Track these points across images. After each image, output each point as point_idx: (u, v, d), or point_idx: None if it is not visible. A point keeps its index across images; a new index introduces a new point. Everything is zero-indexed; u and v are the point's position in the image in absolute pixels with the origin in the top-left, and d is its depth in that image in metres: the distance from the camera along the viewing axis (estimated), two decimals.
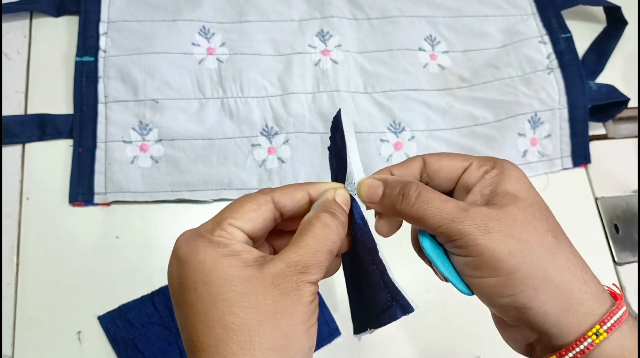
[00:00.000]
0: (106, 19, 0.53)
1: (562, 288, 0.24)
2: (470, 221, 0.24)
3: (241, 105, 0.52)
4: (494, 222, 0.24)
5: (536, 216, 0.25)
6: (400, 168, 0.28)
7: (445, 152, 0.29)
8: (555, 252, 0.25)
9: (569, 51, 0.56)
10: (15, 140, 0.49)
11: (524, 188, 0.26)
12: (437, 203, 0.25)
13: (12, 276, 0.45)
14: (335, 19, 0.56)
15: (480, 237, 0.24)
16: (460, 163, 0.27)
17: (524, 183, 0.27)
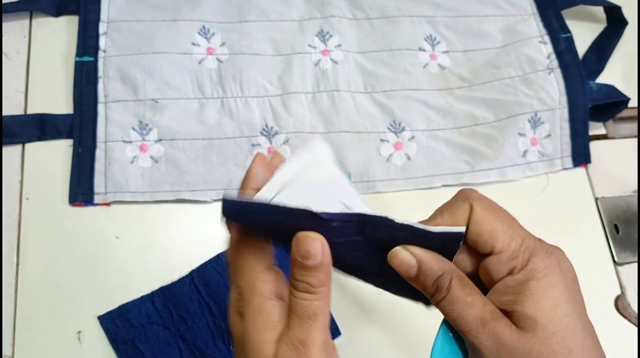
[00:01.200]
0: (106, 18, 0.53)
1: None
2: (484, 342, 0.23)
3: (241, 105, 0.52)
4: (505, 352, 0.23)
5: (556, 351, 0.23)
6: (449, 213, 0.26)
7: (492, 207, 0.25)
8: None
9: (569, 51, 0.56)
10: (15, 140, 0.49)
11: (548, 308, 0.23)
12: (462, 308, 0.24)
13: (12, 276, 0.45)
14: (335, 18, 0.56)
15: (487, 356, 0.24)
16: (495, 243, 0.24)
17: (549, 300, 0.23)
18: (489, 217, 0.25)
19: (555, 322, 0.23)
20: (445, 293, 0.24)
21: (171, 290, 0.45)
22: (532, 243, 0.24)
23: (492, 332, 0.23)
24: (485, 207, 0.25)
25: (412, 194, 0.51)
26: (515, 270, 0.24)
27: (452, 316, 0.24)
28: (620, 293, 0.49)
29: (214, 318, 0.44)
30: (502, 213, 0.25)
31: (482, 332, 0.23)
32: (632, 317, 0.48)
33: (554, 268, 0.24)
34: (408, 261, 0.25)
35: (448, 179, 0.52)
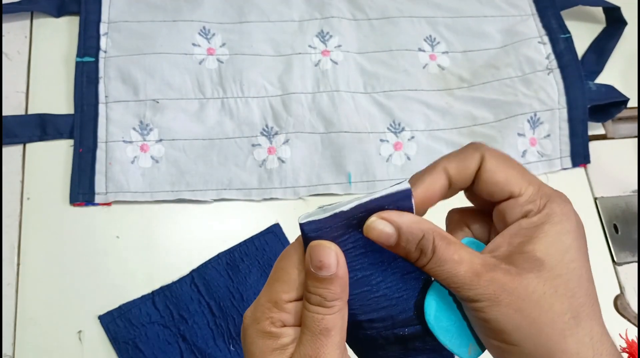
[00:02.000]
0: (107, 19, 0.53)
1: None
2: (481, 290, 0.22)
3: (241, 105, 0.52)
4: (506, 295, 0.22)
5: (558, 292, 0.22)
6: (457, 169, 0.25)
7: (504, 158, 0.25)
8: (567, 335, 0.22)
9: (569, 51, 0.56)
10: (16, 140, 0.49)
11: (557, 252, 0.23)
12: (451, 266, 0.23)
13: (12, 276, 0.45)
14: (335, 19, 0.56)
15: (488, 307, 0.23)
16: (512, 188, 0.24)
17: (561, 244, 0.23)
18: (503, 165, 0.24)
19: (563, 265, 0.23)
20: (431, 254, 0.23)
21: (171, 289, 0.45)
22: (549, 190, 0.24)
23: (489, 281, 0.22)
24: (497, 157, 0.24)
25: None
26: (531, 213, 0.24)
27: (442, 277, 0.23)
28: (619, 292, 0.50)
29: (214, 317, 0.44)
30: (515, 162, 0.25)
31: (477, 283, 0.23)
32: (632, 316, 0.48)
33: (570, 216, 0.23)
34: (386, 230, 0.23)
35: None
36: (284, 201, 0.50)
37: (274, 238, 0.48)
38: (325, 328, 0.23)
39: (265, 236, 0.48)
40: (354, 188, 0.51)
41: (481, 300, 0.23)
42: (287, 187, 0.50)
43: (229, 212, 0.49)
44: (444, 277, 0.23)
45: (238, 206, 0.50)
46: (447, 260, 0.23)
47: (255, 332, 0.24)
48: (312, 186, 0.50)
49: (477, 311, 0.23)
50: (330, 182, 0.51)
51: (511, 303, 0.22)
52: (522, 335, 0.23)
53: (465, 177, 0.25)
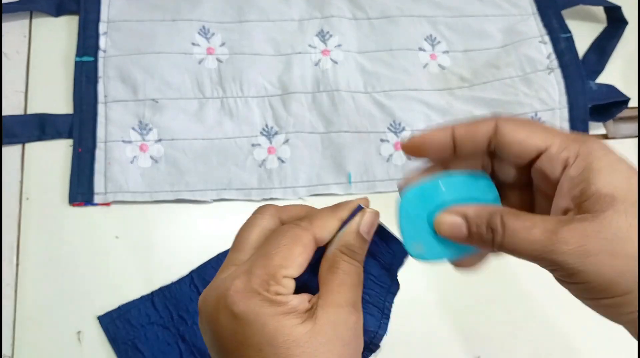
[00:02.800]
0: (106, 18, 0.53)
1: None
2: (565, 248, 0.21)
3: (241, 105, 0.52)
4: (593, 241, 0.21)
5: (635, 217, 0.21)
6: (466, 129, 0.24)
7: (522, 119, 0.24)
8: None
9: (569, 51, 0.56)
10: (15, 140, 0.49)
11: (621, 182, 0.21)
12: (524, 235, 0.22)
13: (11, 276, 0.45)
14: (336, 18, 0.56)
15: (580, 264, 0.21)
16: (537, 142, 0.23)
17: (620, 173, 0.21)
18: (520, 125, 0.23)
19: (633, 192, 0.21)
20: (502, 229, 0.23)
21: (171, 290, 0.45)
22: (575, 135, 0.23)
23: (569, 234, 0.21)
24: (513, 119, 0.24)
25: None
26: (570, 160, 0.22)
27: (519, 248, 0.22)
28: None
29: None
30: (532, 121, 0.24)
31: (557, 241, 0.21)
32: None
33: (608, 150, 0.22)
34: (457, 221, 0.24)
35: None
36: (283, 201, 0.50)
37: None
38: (361, 279, 0.26)
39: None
40: (354, 188, 0.51)
41: (569, 260, 0.21)
42: (287, 187, 0.50)
43: (228, 212, 0.49)
44: (523, 248, 0.22)
45: (238, 206, 0.49)
46: (519, 228, 0.22)
47: (259, 302, 0.23)
48: (312, 186, 0.50)
49: (572, 276, 0.21)
50: (330, 182, 0.51)
51: (602, 249, 0.21)
52: (630, 278, 0.21)
53: (475, 139, 0.24)
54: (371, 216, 0.26)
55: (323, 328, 0.24)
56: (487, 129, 0.24)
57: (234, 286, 0.24)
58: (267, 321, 0.23)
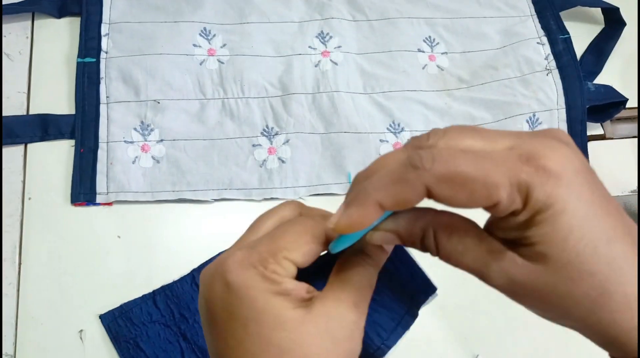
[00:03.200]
0: (108, 20, 0.54)
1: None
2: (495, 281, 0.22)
3: (242, 106, 0.52)
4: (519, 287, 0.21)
5: (573, 279, 0.20)
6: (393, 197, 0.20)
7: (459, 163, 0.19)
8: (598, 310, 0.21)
9: (567, 52, 0.56)
10: (18, 140, 0.49)
11: (558, 240, 0.20)
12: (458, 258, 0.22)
13: (14, 275, 0.45)
14: (335, 20, 0.56)
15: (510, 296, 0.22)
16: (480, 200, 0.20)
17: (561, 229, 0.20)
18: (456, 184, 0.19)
19: (569, 250, 0.20)
20: (436, 251, 0.22)
21: (173, 288, 0.45)
22: (524, 174, 0.19)
23: (498, 273, 0.21)
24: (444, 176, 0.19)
25: None
26: (517, 211, 0.20)
27: (457, 267, 0.22)
28: None
29: None
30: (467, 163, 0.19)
31: (488, 274, 0.21)
32: None
33: (557, 193, 0.20)
34: (387, 238, 0.23)
35: None
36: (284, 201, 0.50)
37: None
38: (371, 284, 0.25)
39: None
40: None
41: (500, 289, 0.22)
42: (287, 187, 0.50)
43: (229, 212, 0.49)
44: (458, 266, 0.22)
45: (239, 206, 0.50)
46: (452, 252, 0.22)
47: (254, 275, 0.23)
48: (312, 186, 0.51)
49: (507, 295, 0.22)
50: (330, 182, 0.51)
51: (528, 295, 0.21)
52: (554, 314, 0.22)
53: (406, 206, 0.21)
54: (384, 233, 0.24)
55: (315, 318, 0.23)
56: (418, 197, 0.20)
57: (233, 256, 0.24)
58: (257, 296, 0.23)
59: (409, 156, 0.20)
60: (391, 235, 0.23)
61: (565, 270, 0.20)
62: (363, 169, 0.23)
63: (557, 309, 0.21)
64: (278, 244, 0.24)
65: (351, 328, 0.23)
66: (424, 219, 0.23)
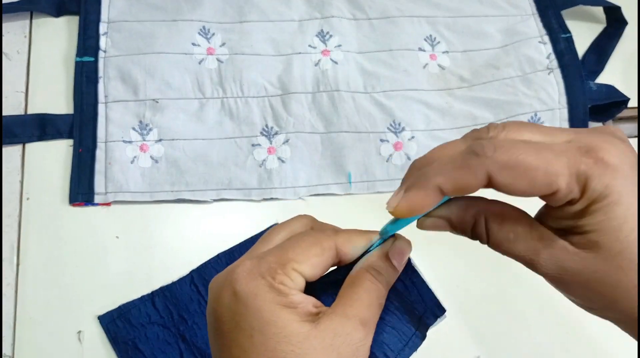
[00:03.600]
0: (106, 19, 0.53)
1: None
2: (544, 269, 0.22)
3: (241, 105, 0.52)
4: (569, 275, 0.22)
5: (622, 268, 0.21)
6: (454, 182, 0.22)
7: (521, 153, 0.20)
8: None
9: (569, 51, 0.56)
10: (16, 140, 0.49)
11: (611, 230, 0.21)
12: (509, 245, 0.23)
13: (12, 276, 0.45)
14: (335, 19, 0.56)
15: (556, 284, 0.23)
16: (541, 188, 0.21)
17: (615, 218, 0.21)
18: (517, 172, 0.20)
19: (622, 239, 0.21)
20: (487, 239, 0.23)
21: (171, 289, 0.45)
22: (583, 165, 0.20)
23: (549, 259, 0.22)
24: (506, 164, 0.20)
25: None
26: (574, 201, 0.21)
27: (504, 253, 0.23)
28: None
29: None
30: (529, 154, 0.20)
31: (538, 261, 0.22)
32: None
33: (614, 184, 0.21)
34: (438, 223, 0.24)
35: None
36: (284, 201, 0.50)
37: None
38: (381, 302, 0.25)
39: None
40: (354, 188, 0.51)
41: (549, 278, 0.23)
42: (287, 187, 0.50)
43: (229, 212, 0.49)
44: (507, 254, 0.23)
45: (238, 206, 0.50)
46: (504, 240, 0.23)
47: (262, 285, 0.23)
48: (312, 186, 0.50)
49: (553, 285, 0.23)
50: (330, 182, 0.51)
51: (576, 281, 0.22)
52: (601, 301, 0.22)
53: (466, 193, 0.22)
54: (402, 244, 0.26)
55: (321, 333, 0.22)
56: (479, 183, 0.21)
57: (243, 265, 0.24)
58: (264, 306, 0.23)
59: (471, 145, 0.21)
60: (443, 221, 0.24)
61: (616, 258, 0.21)
62: (420, 157, 0.24)
63: (604, 299, 0.22)
64: (287, 255, 0.24)
65: (357, 347, 0.23)
66: (476, 207, 0.23)
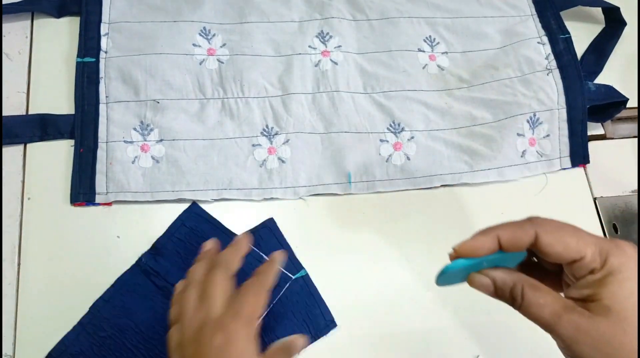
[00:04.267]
0: (107, 20, 0.53)
1: None
2: (563, 330, 0.28)
3: (242, 105, 0.52)
4: (582, 335, 0.27)
5: (626, 332, 0.27)
6: (510, 237, 0.29)
7: (558, 227, 0.29)
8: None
9: (568, 52, 0.56)
10: (17, 140, 0.49)
11: (622, 299, 0.27)
12: (537, 309, 0.28)
13: (13, 275, 0.45)
14: (335, 20, 0.56)
15: (570, 345, 0.28)
16: (572, 255, 0.28)
17: (625, 290, 0.27)
18: (558, 237, 0.28)
19: (628, 308, 0.27)
20: (521, 300, 0.29)
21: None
22: (606, 245, 0.28)
23: (568, 322, 0.27)
24: (552, 230, 0.29)
25: (412, 194, 0.52)
26: (595, 270, 0.28)
27: (532, 317, 0.29)
28: None
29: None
30: (568, 228, 0.29)
31: (559, 323, 0.27)
32: None
33: (628, 264, 0.28)
34: (485, 282, 0.30)
35: (447, 179, 0.52)
36: (284, 201, 0.50)
37: (268, 233, 0.48)
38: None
39: (260, 231, 0.48)
40: (354, 188, 0.51)
41: (565, 340, 0.28)
42: (287, 187, 0.50)
43: (229, 212, 0.49)
44: (533, 317, 0.29)
45: (238, 206, 0.50)
46: (534, 303, 0.28)
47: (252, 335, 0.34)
48: (312, 186, 0.51)
49: (564, 346, 0.28)
50: (330, 182, 0.51)
51: (587, 342, 0.27)
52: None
53: (517, 247, 0.29)
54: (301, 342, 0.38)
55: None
56: (529, 239, 0.29)
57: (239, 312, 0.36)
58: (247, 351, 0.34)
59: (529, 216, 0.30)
60: (489, 280, 0.30)
61: (623, 323, 0.27)
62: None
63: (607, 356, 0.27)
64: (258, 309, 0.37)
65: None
66: (517, 275, 0.30)
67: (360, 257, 0.49)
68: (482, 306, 0.48)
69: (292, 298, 0.46)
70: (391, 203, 0.51)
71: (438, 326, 0.47)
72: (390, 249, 0.49)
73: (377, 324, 0.47)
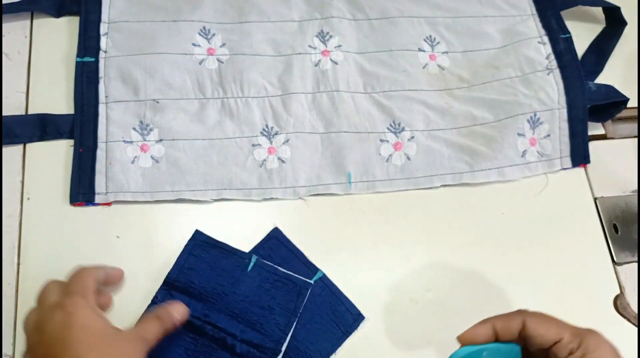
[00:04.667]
0: (107, 19, 0.53)
1: None
2: None
3: (241, 105, 0.52)
4: None
5: None
6: (502, 325, 0.35)
7: (545, 315, 0.35)
8: None
9: (569, 52, 0.56)
10: (16, 140, 0.49)
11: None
12: None
13: (12, 276, 0.45)
14: (335, 19, 0.56)
15: None
16: (552, 336, 0.34)
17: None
18: (541, 322, 0.34)
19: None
20: None
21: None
22: (580, 330, 0.34)
23: None
24: (537, 317, 0.34)
25: (412, 194, 0.51)
26: (573, 350, 0.33)
27: None
28: (619, 292, 0.50)
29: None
30: (549, 317, 0.35)
31: None
32: (632, 316, 0.48)
33: (602, 343, 0.33)
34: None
35: (447, 179, 0.52)
36: (284, 201, 0.50)
37: (277, 243, 0.48)
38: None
39: (268, 243, 0.48)
40: (354, 188, 0.51)
41: None
42: (287, 187, 0.50)
43: (229, 212, 0.49)
44: None
45: (238, 206, 0.50)
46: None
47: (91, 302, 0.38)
48: (312, 186, 0.51)
49: None
50: (330, 182, 0.51)
51: None
52: None
53: (509, 333, 0.34)
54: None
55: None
56: (517, 326, 0.34)
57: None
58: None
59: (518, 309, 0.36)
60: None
61: None
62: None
63: None
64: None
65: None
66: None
67: (360, 257, 0.49)
68: (482, 306, 0.48)
69: (316, 301, 0.45)
70: (391, 203, 0.51)
71: (438, 326, 0.47)
72: (390, 249, 0.49)
73: (376, 324, 0.47)
